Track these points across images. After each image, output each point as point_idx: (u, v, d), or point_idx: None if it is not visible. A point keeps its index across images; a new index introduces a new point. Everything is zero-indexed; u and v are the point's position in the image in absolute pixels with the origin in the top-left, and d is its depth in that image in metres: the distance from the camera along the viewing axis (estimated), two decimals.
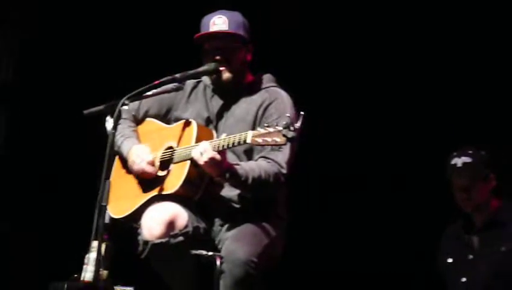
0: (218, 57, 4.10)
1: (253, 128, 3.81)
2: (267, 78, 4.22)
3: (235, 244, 3.87)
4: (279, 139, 3.63)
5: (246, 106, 4.12)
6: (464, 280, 4.67)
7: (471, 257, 4.70)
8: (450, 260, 4.77)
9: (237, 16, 4.15)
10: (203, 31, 4.13)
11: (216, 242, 4.08)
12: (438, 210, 5.32)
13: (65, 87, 6.03)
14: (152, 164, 4.09)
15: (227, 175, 3.86)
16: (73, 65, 6.11)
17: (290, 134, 3.60)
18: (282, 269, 4.14)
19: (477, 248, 4.70)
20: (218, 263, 3.97)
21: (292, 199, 4.20)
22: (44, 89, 6.12)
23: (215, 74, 4.14)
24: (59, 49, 6.14)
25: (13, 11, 6.05)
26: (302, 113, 3.78)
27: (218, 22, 4.10)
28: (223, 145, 3.81)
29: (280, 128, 3.63)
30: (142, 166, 4.07)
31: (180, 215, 3.98)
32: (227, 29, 4.09)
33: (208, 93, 4.22)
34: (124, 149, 4.18)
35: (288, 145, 3.86)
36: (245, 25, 4.15)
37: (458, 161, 4.70)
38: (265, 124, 3.69)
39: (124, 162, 4.22)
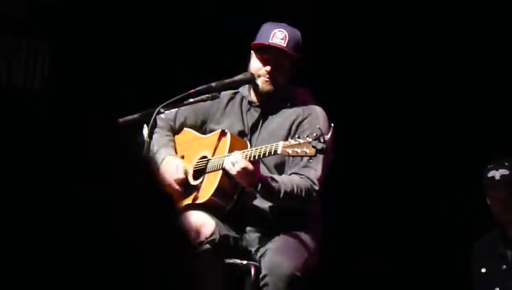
0: (268, 68, 4.09)
1: None
2: (303, 93, 4.22)
3: (279, 258, 3.90)
4: (308, 151, 3.63)
5: (280, 121, 4.13)
6: None
7: (504, 267, 4.68)
8: (483, 270, 4.75)
9: (297, 35, 4.15)
10: (261, 39, 4.12)
11: (253, 251, 4.08)
12: (470, 219, 5.30)
13: (100, 94, 6.06)
14: (180, 182, 4.10)
15: (259, 186, 3.87)
16: (109, 71, 6.13)
17: (320, 145, 3.61)
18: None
19: (511, 259, 4.68)
20: (253, 271, 3.99)
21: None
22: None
23: (250, 83, 4.15)
24: (94, 56, 6.16)
25: None
26: (332, 125, 3.81)
27: (279, 36, 4.09)
28: (254, 156, 3.83)
29: (310, 139, 3.64)
30: (170, 182, 4.11)
31: (207, 223, 4.00)
32: (285, 46, 4.08)
33: (244, 105, 4.24)
34: (159, 158, 4.20)
35: (321, 161, 3.88)
36: (300, 44, 4.15)
37: (496, 174, 4.68)
38: (297, 136, 3.71)
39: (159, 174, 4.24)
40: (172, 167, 4.14)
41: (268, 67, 4.08)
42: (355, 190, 5.83)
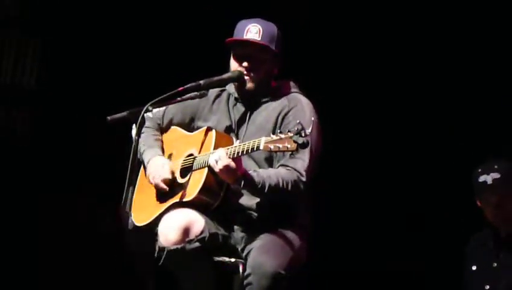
0: (245, 64, 4.11)
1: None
2: (289, 85, 4.23)
3: (262, 257, 3.90)
4: (290, 146, 3.65)
5: (266, 114, 4.14)
6: (487, 287, 4.65)
7: (495, 265, 4.68)
8: (474, 268, 4.75)
9: (272, 28, 4.16)
10: (237, 35, 4.15)
11: (239, 249, 4.08)
12: (462, 218, 5.30)
13: (88, 93, 6.06)
14: (167, 182, 4.11)
15: (243, 182, 3.87)
16: (96, 70, 6.13)
17: (301, 140, 3.62)
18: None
19: (502, 257, 4.68)
20: (241, 269, 4.00)
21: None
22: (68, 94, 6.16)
23: (238, 81, 4.15)
24: (83, 53, 6.16)
25: None
26: (312, 119, 3.83)
27: (253, 31, 4.11)
28: (237, 152, 3.83)
29: (291, 134, 3.64)
30: (157, 182, 4.13)
31: (196, 221, 4.01)
32: (259, 39, 4.11)
33: (230, 101, 4.25)
34: (145, 159, 4.22)
35: (307, 152, 3.88)
36: (278, 38, 4.15)
37: (488, 178, 4.65)
38: (279, 131, 3.71)
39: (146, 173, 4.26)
40: (159, 167, 4.15)
41: (245, 63, 4.10)
42: (351, 188, 5.83)
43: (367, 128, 5.85)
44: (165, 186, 4.11)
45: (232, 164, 3.81)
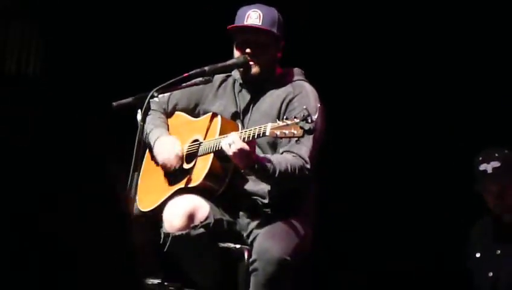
0: (248, 50, 4.11)
1: None
2: (294, 72, 4.23)
3: (268, 242, 3.90)
4: (296, 132, 3.64)
5: (271, 100, 4.13)
6: (490, 274, 4.66)
7: (499, 252, 4.69)
8: (478, 255, 4.76)
9: (272, 12, 4.16)
10: (238, 22, 4.15)
11: (245, 236, 4.09)
12: (464, 207, 5.30)
13: (94, 78, 6.05)
14: (180, 158, 4.10)
15: (256, 167, 3.86)
16: (101, 57, 6.12)
17: (307, 126, 3.62)
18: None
19: (505, 245, 4.69)
20: (246, 255, 4.00)
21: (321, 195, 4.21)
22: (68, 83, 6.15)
23: (244, 67, 4.15)
24: (87, 40, 6.15)
25: None
26: (318, 105, 3.84)
27: (253, 16, 4.11)
28: (243, 138, 3.82)
29: (297, 120, 3.64)
30: (170, 157, 4.10)
31: (201, 207, 4.01)
32: (260, 24, 4.10)
33: (236, 87, 4.24)
34: (152, 137, 4.19)
35: (311, 139, 3.87)
36: (279, 22, 4.15)
37: (488, 167, 4.65)
38: (285, 117, 3.72)
39: (153, 155, 4.24)
40: (169, 145, 4.14)
41: (248, 50, 4.10)
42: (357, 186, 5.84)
43: (367, 127, 5.83)
44: (176, 164, 4.10)
45: (247, 147, 3.80)
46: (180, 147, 4.13)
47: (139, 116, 3.99)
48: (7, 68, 6.16)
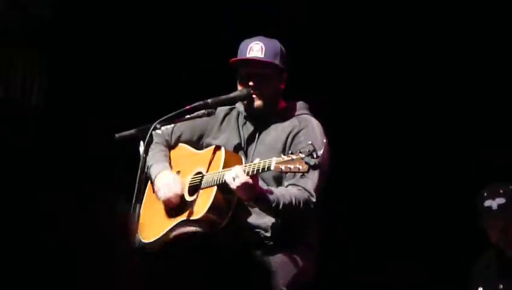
0: (251, 83, 4.12)
1: None
2: (299, 106, 4.24)
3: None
4: (301, 167, 3.66)
5: (276, 134, 4.14)
6: None
7: (501, 286, 4.67)
8: (480, 289, 4.74)
9: (275, 44, 4.17)
10: (240, 55, 4.16)
11: None
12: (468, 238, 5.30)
13: (97, 109, 6.07)
14: (178, 196, 4.11)
15: (259, 199, 3.87)
16: (106, 87, 6.14)
17: (313, 161, 3.64)
18: None
19: (508, 279, 4.67)
20: None
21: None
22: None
23: (247, 100, 4.16)
24: (91, 70, 6.17)
25: None
26: (324, 140, 3.85)
27: (255, 49, 4.13)
28: (248, 172, 3.83)
29: (303, 155, 3.66)
30: (169, 196, 4.11)
31: None
32: (262, 56, 4.12)
33: (240, 120, 4.25)
34: (153, 173, 4.20)
35: (317, 172, 3.88)
36: (282, 54, 4.17)
37: (493, 204, 4.66)
38: (290, 152, 3.72)
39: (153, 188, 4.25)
40: (169, 181, 4.14)
41: (251, 82, 4.11)
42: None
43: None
44: (175, 201, 4.11)
45: (250, 181, 3.81)
46: (180, 185, 4.13)
47: (141, 148, 3.99)
48: (11, 94, 6.19)
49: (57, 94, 6.21)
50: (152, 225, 4.18)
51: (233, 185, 3.83)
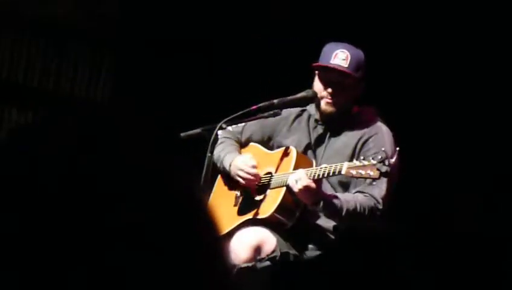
0: (329, 90, 4.08)
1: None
2: (370, 112, 4.22)
3: None
4: (372, 173, 3.66)
5: (345, 139, 4.13)
6: None
7: None
8: None
9: (359, 55, 4.12)
10: (323, 59, 4.11)
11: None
12: None
13: (163, 108, 6.10)
14: (259, 175, 4.12)
15: (321, 204, 3.87)
16: (172, 86, 6.17)
17: (384, 168, 3.64)
18: None
19: None
20: None
21: None
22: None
23: (312, 101, 4.15)
24: (158, 69, 6.20)
25: None
26: (397, 149, 3.82)
27: (340, 57, 4.07)
28: (318, 174, 3.84)
29: (375, 162, 3.66)
30: (250, 174, 4.11)
31: (268, 240, 4.03)
32: (347, 67, 4.06)
33: (311, 122, 4.24)
34: (226, 161, 4.20)
35: (385, 181, 3.87)
36: (364, 64, 4.12)
37: None
38: (361, 157, 3.72)
39: (226, 181, 4.26)
40: (247, 161, 4.14)
41: (330, 89, 4.07)
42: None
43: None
44: (253, 179, 4.10)
45: (313, 185, 3.82)
46: (255, 163, 4.13)
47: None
48: (76, 92, 6.25)
49: (123, 92, 6.26)
50: (219, 219, 4.18)
51: (296, 188, 3.85)
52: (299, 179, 3.82)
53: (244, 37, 6.07)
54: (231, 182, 4.25)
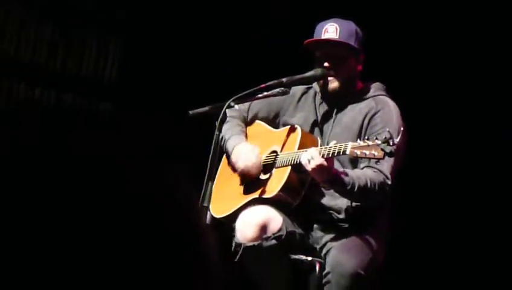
0: (326, 64, 4.10)
1: (359, 137, 3.85)
2: (376, 87, 4.20)
3: (342, 256, 3.91)
4: (377, 153, 3.65)
5: (352, 115, 4.12)
6: None
7: None
8: None
9: (349, 25, 4.15)
10: (316, 37, 4.15)
11: (318, 248, 4.08)
12: None
13: (170, 87, 6.10)
14: (259, 167, 4.11)
15: (334, 181, 3.86)
16: (180, 65, 6.17)
17: (389, 148, 3.62)
18: None
19: None
20: (317, 268, 4.00)
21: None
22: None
23: (321, 79, 4.15)
24: (165, 48, 6.20)
25: None
26: (401, 129, 3.81)
27: (330, 30, 4.11)
28: (323, 154, 3.82)
29: (379, 142, 3.64)
30: (249, 166, 4.11)
31: (274, 218, 4.02)
32: (337, 37, 4.09)
33: (317, 99, 4.24)
34: (230, 145, 4.20)
35: (392, 158, 3.85)
36: (357, 35, 4.13)
37: None
38: (366, 137, 3.72)
39: (230, 161, 4.26)
40: (249, 152, 4.14)
41: (326, 64, 4.09)
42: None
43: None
44: (255, 171, 4.11)
45: (325, 164, 3.80)
46: (259, 156, 4.14)
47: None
48: (84, 71, 6.25)
49: (130, 74, 6.26)
50: (224, 200, 4.20)
51: (309, 167, 3.82)
52: (312, 158, 3.81)
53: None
54: None
